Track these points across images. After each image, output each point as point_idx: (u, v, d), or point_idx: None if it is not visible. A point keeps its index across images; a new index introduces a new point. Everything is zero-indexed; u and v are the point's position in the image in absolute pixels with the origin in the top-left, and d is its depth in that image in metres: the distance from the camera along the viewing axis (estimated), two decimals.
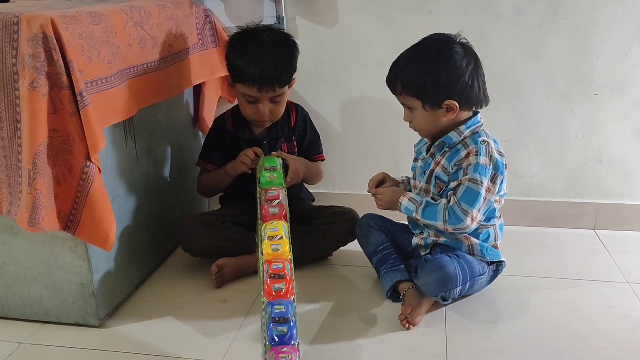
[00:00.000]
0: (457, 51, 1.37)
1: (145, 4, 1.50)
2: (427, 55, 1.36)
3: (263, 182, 1.48)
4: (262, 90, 1.55)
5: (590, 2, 1.68)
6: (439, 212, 1.37)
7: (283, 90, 1.59)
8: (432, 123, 1.41)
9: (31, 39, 1.14)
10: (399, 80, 1.39)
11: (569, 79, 1.77)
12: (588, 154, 1.84)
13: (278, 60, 1.55)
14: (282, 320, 1.16)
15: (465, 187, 1.36)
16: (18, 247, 1.37)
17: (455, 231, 1.39)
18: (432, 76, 1.34)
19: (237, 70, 1.58)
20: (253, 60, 1.54)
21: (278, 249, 1.30)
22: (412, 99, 1.39)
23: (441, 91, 1.35)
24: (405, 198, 1.45)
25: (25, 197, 1.18)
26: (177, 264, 1.72)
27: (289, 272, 1.25)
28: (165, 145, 1.69)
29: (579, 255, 1.72)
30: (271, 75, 1.54)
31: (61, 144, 1.20)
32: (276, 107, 1.61)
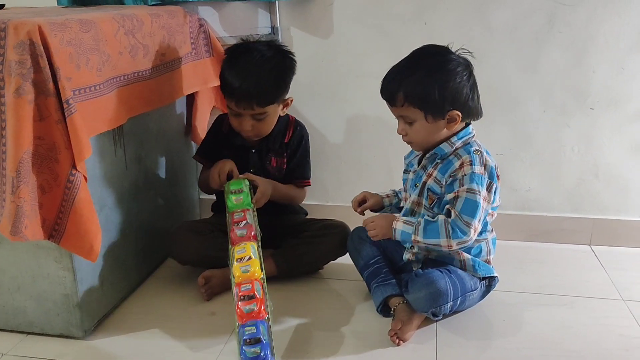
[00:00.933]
0: (458, 61, 1.36)
1: (138, 13, 1.49)
2: (432, 65, 1.35)
3: (230, 206, 1.48)
4: (240, 106, 1.55)
5: (586, 16, 1.68)
6: (441, 228, 1.33)
7: (265, 110, 1.57)
8: (431, 135, 1.39)
9: (18, 46, 1.13)
10: (401, 91, 1.35)
11: (565, 92, 1.76)
12: (584, 169, 1.82)
13: (262, 79, 1.53)
14: (253, 341, 1.16)
15: (464, 199, 1.33)
16: (2, 256, 1.34)
17: (459, 246, 1.35)
18: (440, 85, 1.32)
19: (223, 82, 1.58)
20: (237, 75, 1.53)
21: (248, 270, 1.29)
22: (414, 109, 1.36)
23: (447, 101, 1.34)
24: (399, 222, 1.39)
25: (9, 206, 1.16)
26: (165, 275, 1.70)
27: (259, 292, 1.25)
28: (156, 155, 1.67)
29: (574, 272, 1.69)
30: (250, 93, 1.53)
31: (47, 152, 1.19)
32: (259, 124, 1.60)
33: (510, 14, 1.71)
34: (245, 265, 1.30)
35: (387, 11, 1.76)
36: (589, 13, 1.67)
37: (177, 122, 1.81)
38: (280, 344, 1.35)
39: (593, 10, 1.67)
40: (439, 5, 1.73)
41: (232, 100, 1.56)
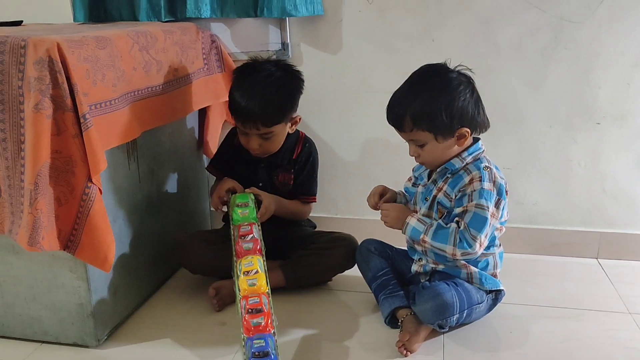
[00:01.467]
0: (459, 79, 1.38)
1: (151, 29, 1.53)
2: (434, 86, 1.36)
3: (235, 219, 1.50)
4: (245, 126, 1.58)
5: (592, 33, 1.70)
6: (450, 235, 1.36)
7: (270, 130, 1.59)
8: (443, 153, 1.41)
9: (37, 62, 1.17)
10: (408, 116, 1.36)
11: (571, 108, 1.78)
12: (591, 183, 1.83)
13: (267, 100, 1.55)
14: (262, 354, 1.16)
15: (473, 214, 1.36)
16: (19, 266, 1.38)
17: (463, 257, 1.37)
18: (446, 106, 1.34)
19: (230, 101, 1.61)
20: (242, 95, 1.56)
21: (254, 283, 1.30)
22: (423, 133, 1.37)
23: (455, 120, 1.36)
24: (413, 219, 1.42)
25: (26, 217, 1.20)
26: (177, 286, 1.72)
27: (266, 306, 1.26)
28: (168, 168, 1.71)
29: (581, 285, 1.70)
30: (254, 114, 1.55)
31: (63, 165, 1.22)
32: (267, 143, 1.62)
33: (517, 31, 1.73)
34: (252, 278, 1.31)
35: (395, 28, 1.79)
36: (594, 30, 1.70)
37: (189, 136, 1.84)
38: (288, 355, 1.37)
39: (598, 28, 1.69)
40: (446, 23, 1.76)
41: (238, 120, 1.59)
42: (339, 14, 1.81)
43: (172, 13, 1.82)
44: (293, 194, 1.74)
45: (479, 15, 1.74)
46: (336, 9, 1.81)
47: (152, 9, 1.79)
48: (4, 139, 1.22)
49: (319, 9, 1.79)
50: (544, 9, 1.70)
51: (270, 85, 1.57)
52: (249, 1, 1.78)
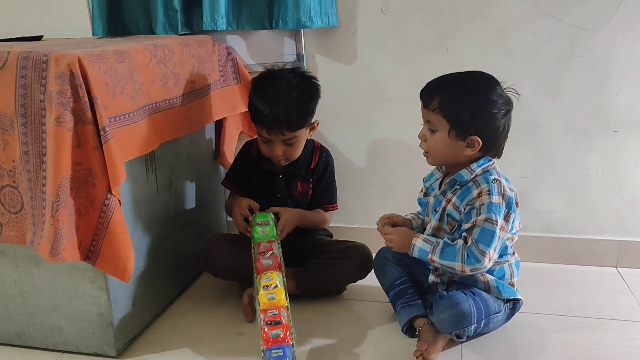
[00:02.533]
0: (501, 95, 1.39)
1: (169, 42, 1.55)
2: (475, 87, 1.38)
3: (256, 237, 1.53)
4: (271, 133, 1.59)
5: (607, 40, 1.70)
6: (458, 252, 1.36)
7: (295, 134, 1.61)
8: (447, 152, 1.41)
9: (59, 77, 1.19)
10: (439, 96, 1.37)
11: (588, 116, 1.77)
12: (609, 191, 1.82)
13: (290, 105, 1.58)
14: None
15: (481, 228, 1.35)
16: (40, 276, 1.40)
17: (472, 272, 1.37)
18: (473, 108, 1.35)
19: (253, 110, 1.63)
20: (265, 103, 1.58)
21: (274, 297, 1.33)
22: (442, 119, 1.37)
23: (474, 126, 1.36)
24: (419, 239, 1.42)
25: (48, 228, 1.22)
26: (194, 296, 1.74)
27: (285, 318, 1.29)
28: (186, 179, 1.72)
29: (600, 294, 1.69)
30: (280, 119, 1.57)
31: (84, 177, 1.24)
32: (290, 149, 1.64)
33: (531, 39, 1.74)
34: (271, 292, 1.34)
35: (409, 38, 1.80)
36: (609, 38, 1.69)
37: (206, 147, 1.86)
38: None
39: (613, 35, 1.69)
40: (460, 32, 1.77)
41: (263, 127, 1.60)
42: (353, 24, 1.82)
43: (188, 26, 1.84)
44: (313, 204, 1.75)
45: (493, 24, 1.75)
46: (351, 20, 1.82)
47: (169, 22, 1.82)
48: (26, 151, 1.24)
49: (333, 20, 1.81)
50: (559, 17, 1.70)
51: (291, 90, 1.59)
52: (264, 13, 1.80)
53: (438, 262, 1.39)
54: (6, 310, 1.45)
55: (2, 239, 1.34)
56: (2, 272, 1.42)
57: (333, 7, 1.80)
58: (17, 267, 1.41)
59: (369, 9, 1.80)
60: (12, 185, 1.29)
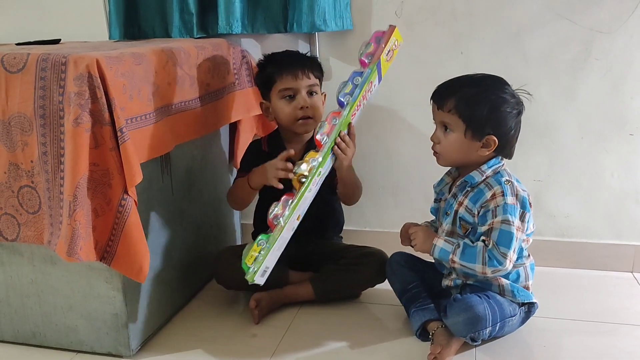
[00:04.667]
0: (513, 95, 1.39)
1: (185, 45, 1.57)
2: (489, 86, 1.38)
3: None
4: (298, 76, 1.60)
5: (623, 43, 1.69)
6: (479, 254, 1.35)
7: (316, 81, 1.64)
8: (462, 153, 1.41)
9: (77, 78, 1.21)
10: (454, 97, 1.37)
11: (603, 119, 1.76)
12: (624, 195, 1.81)
13: (304, 55, 1.68)
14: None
15: (499, 230, 1.35)
16: (56, 276, 1.41)
17: (493, 274, 1.37)
18: (491, 106, 1.35)
19: (271, 75, 1.63)
20: (282, 57, 1.65)
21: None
22: (457, 120, 1.37)
23: (491, 124, 1.36)
24: (440, 240, 1.41)
25: (65, 228, 1.23)
26: (208, 297, 1.74)
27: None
28: (200, 181, 1.73)
29: (616, 299, 1.67)
30: (304, 61, 1.63)
31: (101, 178, 1.26)
32: (314, 100, 1.63)
33: (546, 42, 1.73)
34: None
35: (423, 41, 1.81)
36: (625, 40, 1.68)
37: (221, 149, 1.87)
38: None
39: (629, 38, 1.68)
40: (475, 35, 1.77)
41: (288, 75, 1.60)
42: (367, 28, 1.83)
43: (203, 29, 1.86)
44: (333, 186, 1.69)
45: (508, 28, 1.74)
46: (365, 23, 1.83)
47: (185, 26, 1.84)
48: (44, 152, 1.26)
49: (348, 23, 1.81)
50: (574, 20, 1.70)
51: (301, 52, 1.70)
52: (279, 17, 1.82)
53: (459, 263, 1.38)
54: (23, 310, 1.47)
55: (20, 238, 1.35)
56: (19, 272, 1.44)
57: (347, 11, 1.80)
58: (33, 267, 1.42)
59: (383, 12, 1.81)
60: (30, 185, 1.31)
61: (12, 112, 1.27)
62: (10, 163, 1.31)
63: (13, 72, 1.25)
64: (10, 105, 1.27)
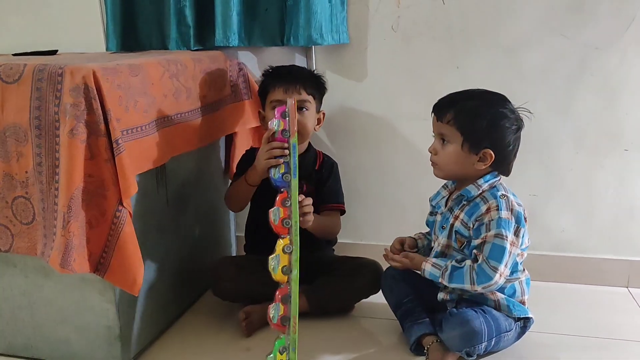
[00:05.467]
0: (513, 111, 1.40)
1: (181, 57, 1.57)
2: (492, 100, 1.40)
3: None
4: (289, 90, 1.61)
5: (618, 59, 1.70)
6: (466, 274, 1.36)
7: (308, 98, 1.64)
8: (459, 165, 1.41)
9: (73, 89, 1.21)
10: (454, 109, 1.38)
11: (598, 134, 1.77)
12: (619, 210, 1.81)
13: (304, 70, 1.72)
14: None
15: (492, 244, 1.35)
16: (49, 288, 1.40)
17: (485, 290, 1.37)
18: (488, 120, 1.36)
19: (266, 85, 1.66)
20: (281, 70, 1.68)
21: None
22: (455, 132, 1.38)
23: (488, 137, 1.37)
24: (427, 264, 1.43)
25: (59, 239, 1.22)
26: (203, 310, 1.73)
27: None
28: (195, 193, 1.73)
29: (611, 314, 1.67)
30: (296, 76, 1.65)
31: (95, 189, 1.25)
32: (303, 117, 1.63)
33: (542, 57, 1.74)
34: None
35: (419, 55, 1.81)
36: (620, 56, 1.70)
37: (216, 161, 1.87)
38: None
39: (624, 54, 1.69)
40: (471, 50, 1.78)
41: (280, 87, 1.62)
42: (364, 42, 1.84)
43: (200, 42, 1.86)
44: (319, 205, 1.69)
45: (504, 43, 1.76)
46: (361, 37, 1.84)
47: (182, 38, 1.84)
48: (39, 163, 1.25)
49: (344, 37, 1.82)
50: (569, 36, 1.71)
51: (303, 68, 1.76)
52: (275, 30, 1.82)
53: (450, 286, 1.40)
54: (14, 322, 1.45)
55: (13, 249, 1.34)
56: (11, 283, 1.43)
57: (344, 25, 1.81)
58: (26, 279, 1.41)
59: (379, 26, 1.82)
60: (24, 196, 1.30)
61: (8, 122, 1.27)
62: (4, 173, 1.30)
63: (9, 82, 1.25)
64: (5, 116, 1.26)
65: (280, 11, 1.81)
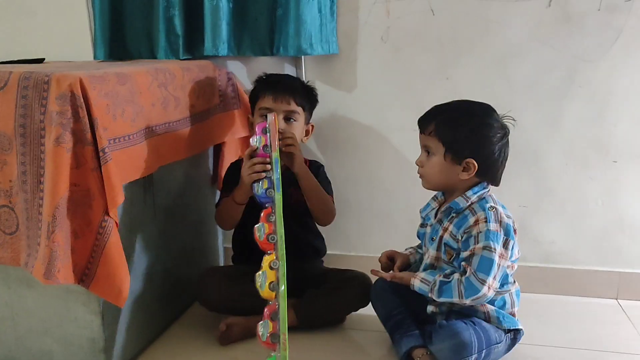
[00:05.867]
0: (497, 120, 1.40)
1: (170, 66, 1.56)
2: (470, 111, 1.40)
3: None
4: (277, 99, 1.60)
5: (606, 71, 1.71)
6: (454, 288, 1.35)
7: (297, 109, 1.63)
8: (444, 176, 1.41)
9: (60, 97, 1.19)
10: (435, 120, 1.39)
11: (587, 146, 1.77)
12: (608, 222, 1.81)
13: (295, 81, 1.69)
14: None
15: (480, 257, 1.34)
16: (32, 299, 1.37)
17: (474, 302, 1.36)
18: (468, 130, 1.36)
19: (256, 92, 1.66)
20: (273, 78, 1.68)
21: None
22: (437, 142, 1.38)
23: (470, 147, 1.37)
24: (416, 280, 1.42)
25: (43, 250, 1.20)
26: (189, 321, 1.71)
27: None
28: (183, 203, 1.71)
29: (601, 326, 1.67)
30: (287, 85, 1.64)
31: (81, 198, 1.23)
32: (290, 127, 1.62)
33: (531, 69, 1.75)
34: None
35: (409, 66, 1.82)
36: (608, 68, 1.71)
37: (204, 171, 1.86)
38: None
39: (613, 66, 1.70)
40: (461, 61, 1.78)
41: (270, 95, 1.61)
42: (354, 52, 1.84)
43: (190, 51, 1.86)
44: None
45: (493, 54, 1.76)
46: (351, 47, 1.84)
47: (171, 47, 1.83)
48: (24, 172, 1.23)
49: (334, 47, 1.82)
50: (558, 48, 1.72)
51: (295, 78, 1.74)
52: (265, 39, 1.82)
53: (439, 300, 1.39)
54: None
55: None
56: None
57: (334, 35, 1.81)
58: (9, 289, 1.38)
59: (369, 37, 1.82)
60: (8, 205, 1.28)
61: None
62: None
63: None
64: None
65: (269, 21, 1.81)
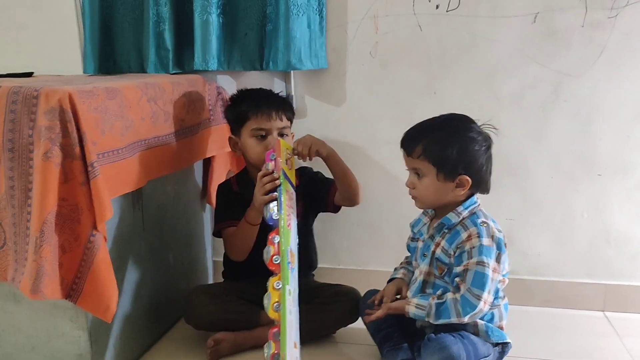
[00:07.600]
0: (480, 132, 1.41)
1: (159, 81, 1.56)
2: (456, 128, 1.40)
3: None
4: (272, 117, 1.61)
5: (591, 86, 1.74)
6: (451, 309, 1.35)
7: (288, 124, 1.66)
8: (438, 195, 1.41)
9: (48, 112, 1.19)
10: (422, 143, 1.39)
11: (573, 160, 1.80)
12: (594, 234, 1.83)
13: (277, 96, 1.70)
14: None
15: (474, 272, 1.35)
16: (19, 315, 1.36)
17: (471, 319, 1.36)
18: (459, 147, 1.37)
19: (244, 113, 1.64)
20: (258, 96, 1.66)
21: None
22: (428, 165, 1.39)
23: (462, 164, 1.37)
24: (411, 307, 1.41)
25: (30, 265, 1.19)
26: (178, 337, 1.70)
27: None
28: (172, 217, 1.71)
29: (588, 338, 1.68)
30: (279, 102, 1.65)
31: (69, 213, 1.23)
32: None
33: (517, 83, 1.77)
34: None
35: (397, 81, 1.83)
36: (593, 83, 1.73)
37: (194, 185, 1.86)
38: None
39: (597, 81, 1.73)
40: (448, 75, 1.80)
41: (262, 115, 1.61)
42: (342, 67, 1.85)
43: (179, 66, 1.86)
44: (321, 201, 1.72)
45: (480, 69, 1.78)
46: (340, 62, 1.85)
47: (161, 61, 1.84)
48: (12, 186, 1.23)
49: (323, 62, 1.83)
50: (543, 63, 1.75)
51: (274, 91, 1.73)
52: (255, 54, 1.83)
53: (437, 323, 1.37)
54: None
55: None
56: None
57: (323, 50, 1.83)
58: None
59: (358, 52, 1.84)
60: None
61: None
62: None
63: None
64: None
65: (259, 36, 1.82)
